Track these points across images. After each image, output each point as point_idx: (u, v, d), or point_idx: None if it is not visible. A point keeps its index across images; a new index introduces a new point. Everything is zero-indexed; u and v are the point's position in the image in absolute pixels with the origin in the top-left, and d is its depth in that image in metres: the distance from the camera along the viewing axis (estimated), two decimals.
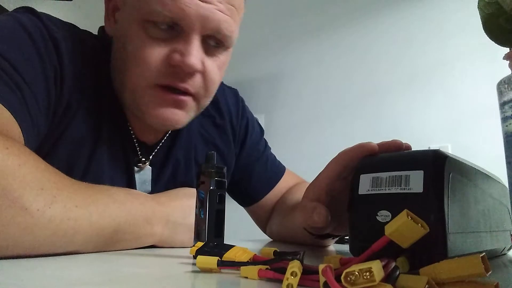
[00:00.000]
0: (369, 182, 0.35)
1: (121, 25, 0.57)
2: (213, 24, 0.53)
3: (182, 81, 0.55)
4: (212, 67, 0.57)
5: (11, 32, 0.50)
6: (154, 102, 0.55)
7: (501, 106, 0.36)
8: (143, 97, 0.56)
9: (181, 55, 0.53)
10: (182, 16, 0.51)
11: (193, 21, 0.52)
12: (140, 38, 0.53)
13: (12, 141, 0.39)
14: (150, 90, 0.55)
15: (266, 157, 0.83)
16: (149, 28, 0.53)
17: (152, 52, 0.53)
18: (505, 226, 0.43)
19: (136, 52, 0.54)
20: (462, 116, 1.82)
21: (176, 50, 0.53)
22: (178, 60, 0.53)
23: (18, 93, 0.47)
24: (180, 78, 0.54)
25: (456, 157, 0.35)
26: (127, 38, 0.55)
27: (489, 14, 0.36)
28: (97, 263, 0.37)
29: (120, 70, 0.58)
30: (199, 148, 0.71)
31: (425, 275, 0.24)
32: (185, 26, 0.52)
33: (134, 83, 0.55)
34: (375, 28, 2.09)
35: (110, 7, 0.59)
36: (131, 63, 0.55)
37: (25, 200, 0.36)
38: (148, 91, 0.55)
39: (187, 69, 0.53)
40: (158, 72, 0.54)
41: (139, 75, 0.54)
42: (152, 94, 0.55)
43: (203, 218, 0.42)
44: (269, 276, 0.28)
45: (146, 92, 0.55)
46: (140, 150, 0.63)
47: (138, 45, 0.53)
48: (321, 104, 2.14)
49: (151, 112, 0.56)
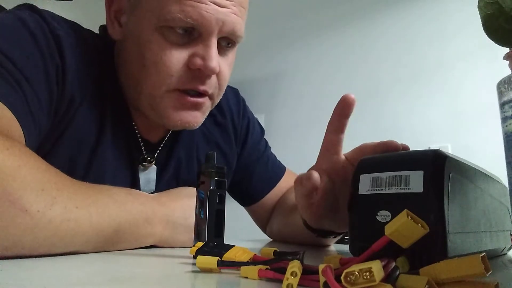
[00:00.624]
0: (369, 182, 0.35)
1: (133, 30, 0.56)
2: (230, 27, 0.55)
3: (203, 83, 0.56)
4: (224, 66, 0.59)
5: (13, 30, 0.50)
6: (174, 106, 0.57)
7: (501, 106, 0.36)
8: (163, 101, 0.56)
9: (202, 59, 0.54)
10: (202, 22, 0.52)
11: (213, 26, 0.53)
12: (159, 44, 0.54)
13: (12, 142, 0.39)
14: (169, 94, 0.56)
15: (266, 157, 0.83)
16: (166, 33, 0.53)
17: (173, 58, 0.54)
18: (505, 226, 0.43)
19: (156, 58, 0.54)
20: (462, 116, 1.82)
21: (196, 54, 0.54)
22: (200, 65, 0.54)
23: (19, 92, 0.47)
24: (200, 81, 0.56)
25: (456, 157, 0.35)
26: (144, 43, 0.55)
27: (489, 14, 0.36)
28: (97, 263, 0.37)
29: (134, 74, 0.58)
30: (201, 147, 0.71)
31: (425, 275, 0.24)
32: (204, 31, 0.53)
33: (154, 88, 0.56)
34: (376, 29, 2.09)
35: (113, 11, 0.59)
36: (150, 69, 0.55)
37: (26, 201, 0.36)
38: (167, 96, 0.56)
39: (209, 73, 0.55)
40: (179, 78, 0.55)
41: (160, 81, 0.55)
42: (172, 98, 0.56)
43: (203, 218, 0.42)
44: (269, 276, 0.28)
45: (165, 97, 0.56)
46: (144, 148, 0.63)
47: (158, 51, 0.54)
48: (321, 104, 2.14)
49: (171, 116, 0.57)
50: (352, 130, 1.96)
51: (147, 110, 0.59)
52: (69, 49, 0.54)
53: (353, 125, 1.90)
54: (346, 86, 2.10)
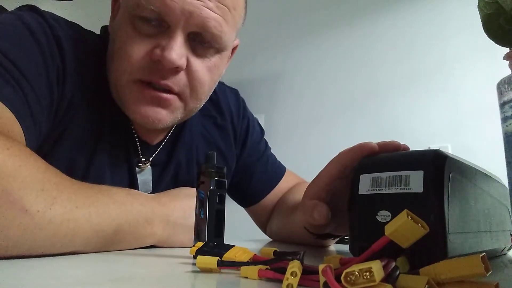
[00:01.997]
0: (369, 182, 0.35)
1: (116, 22, 0.57)
2: (198, 20, 0.52)
3: (163, 77, 0.54)
4: (199, 67, 0.56)
5: (14, 31, 0.50)
6: (134, 98, 0.55)
7: (501, 106, 0.36)
8: (125, 92, 0.55)
9: (161, 50, 0.52)
10: (166, 10, 0.51)
11: (178, 17, 0.51)
12: (127, 33, 0.53)
13: (13, 142, 0.39)
14: (131, 85, 0.55)
15: (266, 158, 0.83)
16: (137, 23, 0.53)
17: (136, 47, 0.53)
18: (505, 226, 0.43)
19: (122, 46, 0.54)
20: (462, 116, 1.82)
21: (158, 45, 0.52)
22: (159, 55, 0.52)
23: (20, 92, 0.47)
24: (161, 74, 0.53)
25: (456, 157, 0.35)
26: (117, 33, 0.55)
27: (489, 14, 0.36)
28: (97, 263, 0.37)
29: (108, 65, 0.58)
30: (200, 149, 0.71)
31: (425, 275, 0.24)
32: (170, 22, 0.52)
33: (117, 77, 0.55)
34: (376, 29, 2.08)
35: (116, 7, 0.60)
36: (116, 57, 0.55)
37: (26, 201, 0.36)
38: (129, 86, 0.55)
39: (167, 64, 0.52)
40: (140, 68, 0.53)
41: (122, 69, 0.54)
42: (133, 89, 0.55)
43: (203, 218, 0.42)
44: (269, 276, 0.28)
45: (127, 87, 0.55)
46: (142, 150, 0.63)
47: (124, 39, 0.53)
48: (321, 104, 2.14)
49: (132, 108, 0.56)
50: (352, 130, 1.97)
51: (117, 102, 0.58)
52: (70, 51, 0.54)
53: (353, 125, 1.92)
54: (346, 86, 2.10)
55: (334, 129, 2.06)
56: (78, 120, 0.56)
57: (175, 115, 0.58)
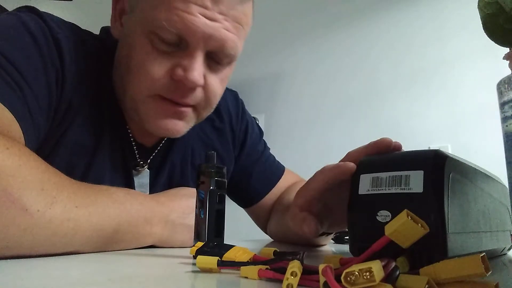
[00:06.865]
0: (369, 182, 0.35)
1: (127, 31, 0.57)
2: (218, 42, 0.53)
3: (183, 96, 0.55)
4: (214, 81, 0.57)
5: (13, 32, 0.50)
6: (155, 112, 0.56)
7: (501, 106, 0.36)
8: (144, 105, 0.56)
9: (184, 70, 0.53)
10: (188, 33, 0.51)
11: (198, 39, 0.52)
12: (145, 49, 0.53)
13: (12, 142, 0.39)
14: (151, 99, 0.55)
15: (265, 158, 0.83)
16: (155, 40, 0.53)
17: (157, 65, 0.53)
18: (505, 226, 0.43)
19: (141, 62, 0.54)
20: (462, 116, 1.82)
21: (179, 64, 0.53)
22: (181, 76, 0.53)
23: (19, 93, 0.47)
24: (181, 93, 0.55)
25: (456, 157, 0.35)
26: (132, 46, 0.55)
27: (489, 14, 0.36)
28: (97, 263, 0.37)
29: (122, 76, 0.58)
30: (196, 151, 0.72)
31: (425, 275, 0.24)
32: (191, 43, 0.52)
33: (136, 91, 0.55)
34: (376, 29, 2.09)
35: (118, 9, 0.59)
36: (134, 72, 0.55)
37: (26, 200, 0.36)
38: (149, 101, 0.55)
39: (190, 85, 0.54)
40: (160, 85, 0.54)
41: (142, 86, 0.55)
42: (153, 104, 0.56)
43: (203, 218, 0.42)
44: (269, 276, 0.28)
45: (147, 101, 0.56)
46: (138, 153, 0.63)
47: (143, 56, 0.53)
48: (321, 104, 2.14)
49: (151, 121, 0.57)
50: (352, 130, 1.97)
51: (131, 113, 0.59)
52: (69, 54, 0.54)
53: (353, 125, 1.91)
54: (346, 86, 2.10)
55: (334, 129, 2.06)
56: (78, 123, 0.56)
57: (190, 124, 0.60)
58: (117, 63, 0.60)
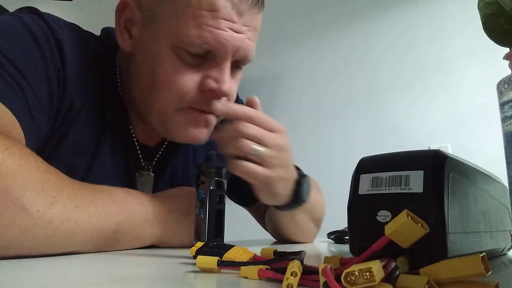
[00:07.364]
0: (369, 182, 0.35)
1: (145, 44, 0.55)
2: (243, 52, 0.55)
3: (211, 105, 0.56)
4: (234, 86, 0.59)
5: (15, 33, 0.50)
6: (185, 123, 0.57)
7: (501, 106, 0.36)
8: (175, 118, 0.56)
9: (216, 82, 0.54)
10: (219, 47, 0.52)
11: (228, 52, 0.53)
12: (173, 64, 0.53)
13: (13, 142, 0.39)
14: (181, 111, 0.56)
15: None
16: (181, 54, 0.53)
17: (187, 79, 0.53)
18: (505, 226, 0.43)
19: (170, 77, 0.53)
20: (462, 116, 1.82)
21: (209, 76, 0.54)
22: (213, 87, 0.54)
23: (20, 94, 0.47)
24: (210, 103, 0.56)
25: (456, 157, 0.35)
26: (157, 60, 0.54)
27: (489, 14, 0.36)
28: (97, 263, 0.37)
29: (143, 89, 0.57)
30: (198, 151, 0.72)
31: (425, 275, 0.24)
32: (220, 55, 0.53)
33: (165, 106, 0.55)
34: (376, 29, 2.09)
35: (123, 20, 0.57)
36: (163, 87, 0.54)
37: (26, 201, 0.36)
38: (179, 113, 0.56)
39: (222, 95, 0.55)
40: (191, 98, 0.54)
41: (172, 99, 0.55)
42: (183, 115, 0.56)
43: (203, 218, 0.42)
44: (269, 276, 0.28)
45: (177, 114, 0.56)
46: (141, 154, 0.63)
47: (170, 70, 0.53)
48: (321, 105, 2.14)
49: (181, 132, 0.57)
50: (352, 130, 1.97)
51: (156, 125, 0.59)
52: (70, 54, 0.54)
53: (353, 125, 1.91)
54: (346, 86, 2.10)
55: (334, 129, 2.06)
56: (79, 124, 0.56)
57: (211, 129, 0.60)
58: (134, 75, 0.59)
